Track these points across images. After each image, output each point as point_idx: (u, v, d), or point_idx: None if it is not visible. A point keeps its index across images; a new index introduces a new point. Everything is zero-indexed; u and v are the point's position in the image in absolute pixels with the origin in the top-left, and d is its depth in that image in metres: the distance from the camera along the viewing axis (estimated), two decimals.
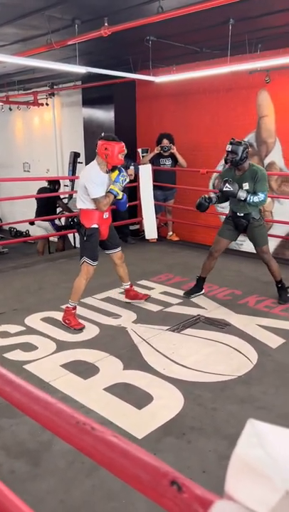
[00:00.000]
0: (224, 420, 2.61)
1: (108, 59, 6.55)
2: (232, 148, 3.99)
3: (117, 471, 0.51)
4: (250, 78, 6.17)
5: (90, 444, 0.55)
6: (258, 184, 4.01)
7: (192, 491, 0.43)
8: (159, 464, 0.49)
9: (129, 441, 0.54)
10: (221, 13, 4.19)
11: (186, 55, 6.16)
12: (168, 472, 0.47)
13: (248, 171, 4.07)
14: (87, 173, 3.76)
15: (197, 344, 3.57)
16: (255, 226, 4.21)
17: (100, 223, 3.86)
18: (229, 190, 3.98)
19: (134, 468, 0.48)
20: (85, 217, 3.83)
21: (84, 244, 3.88)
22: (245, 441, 0.45)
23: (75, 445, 0.58)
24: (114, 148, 3.64)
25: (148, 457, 0.50)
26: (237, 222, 4.25)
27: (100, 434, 0.56)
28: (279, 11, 4.35)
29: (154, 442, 2.42)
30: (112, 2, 4.12)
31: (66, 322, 3.86)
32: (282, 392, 2.88)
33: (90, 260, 3.86)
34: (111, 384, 2.97)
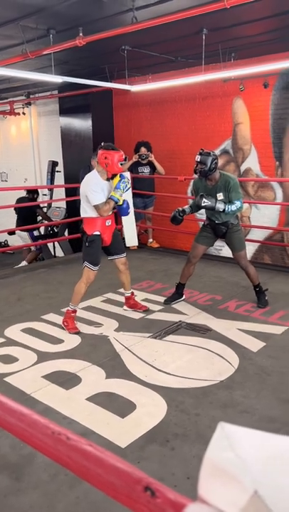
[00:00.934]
0: (207, 426, 2.61)
1: (84, 68, 6.57)
2: (201, 158, 4.06)
3: (93, 480, 0.51)
4: (224, 86, 6.28)
5: (65, 454, 0.55)
6: (232, 194, 4.06)
7: (165, 496, 0.44)
8: (133, 470, 0.49)
9: (103, 449, 0.55)
10: (193, 23, 4.27)
11: (162, 64, 6.24)
12: (142, 478, 0.47)
13: (220, 180, 4.11)
14: (86, 182, 3.87)
15: (179, 350, 3.58)
16: (234, 231, 4.27)
17: (102, 230, 3.96)
18: (208, 205, 4.02)
19: (108, 475, 0.48)
20: (88, 224, 3.96)
21: (86, 249, 3.99)
22: (215, 445, 0.46)
23: (51, 456, 0.58)
24: (114, 157, 3.75)
25: (122, 464, 0.51)
26: (216, 229, 4.30)
27: (75, 444, 0.56)
28: (250, 22, 4.46)
29: (138, 450, 2.41)
30: (87, 12, 4.15)
31: (64, 324, 3.99)
32: (263, 396, 2.91)
33: (91, 265, 3.96)
34: (93, 393, 2.95)
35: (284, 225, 6.09)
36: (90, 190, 3.80)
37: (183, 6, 3.80)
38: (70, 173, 8.07)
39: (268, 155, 6.09)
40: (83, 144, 7.90)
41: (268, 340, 3.72)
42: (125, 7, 4.02)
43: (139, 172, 6.97)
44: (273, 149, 6.02)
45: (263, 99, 5.99)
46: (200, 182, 4.26)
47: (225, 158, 6.56)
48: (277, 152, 6.00)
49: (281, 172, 6.01)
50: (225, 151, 6.55)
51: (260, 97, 5.98)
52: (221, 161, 6.60)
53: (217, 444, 0.46)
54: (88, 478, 0.52)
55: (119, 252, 4.18)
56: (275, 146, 6.01)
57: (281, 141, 5.93)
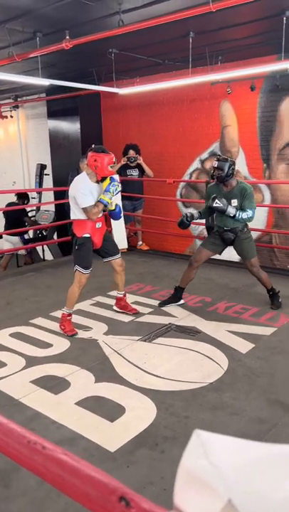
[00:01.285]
0: (197, 428, 2.60)
1: (72, 71, 6.56)
2: (218, 164, 4.05)
3: (67, 490, 0.50)
4: (212, 89, 6.31)
5: (40, 464, 0.54)
6: (246, 201, 4.06)
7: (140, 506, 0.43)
8: (108, 480, 0.49)
9: (79, 458, 0.54)
10: (180, 26, 4.28)
11: (149, 67, 6.25)
12: (117, 488, 0.47)
13: (237, 188, 4.11)
14: (75, 185, 3.84)
15: (169, 353, 3.57)
16: (244, 239, 4.25)
17: (92, 233, 3.92)
18: (219, 206, 3.99)
19: (83, 485, 0.48)
20: (77, 227, 3.91)
21: (76, 253, 3.96)
22: (190, 452, 0.46)
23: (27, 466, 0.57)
24: (104, 160, 3.70)
25: (98, 474, 0.50)
26: (224, 236, 4.26)
27: (50, 453, 0.55)
28: (236, 25, 4.49)
29: (128, 454, 2.40)
30: (73, 15, 4.15)
31: (61, 328, 3.99)
32: (252, 397, 2.92)
33: (82, 269, 3.92)
34: (82, 398, 2.94)
35: (272, 227, 6.13)
36: (78, 192, 3.76)
37: (169, 9, 3.81)
38: (58, 176, 8.04)
39: (256, 157, 6.12)
40: (72, 147, 7.88)
41: (257, 341, 3.73)
42: (112, 10, 4.03)
43: (127, 175, 6.96)
44: (261, 152, 6.06)
45: (250, 102, 6.03)
46: (216, 188, 4.24)
47: (213, 161, 6.57)
48: (264, 154, 6.04)
49: (269, 174, 6.05)
50: (213, 153, 6.57)
51: (248, 99, 6.02)
52: (210, 163, 6.63)
53: (192, 452, 0.45)
54: (63, 488, 0.51)
55: (113, 253, 4.15)
56: (262, 149, 6.05)
57: (268, 143, 5.97)
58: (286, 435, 2.51)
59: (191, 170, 6.84)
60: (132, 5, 3.89)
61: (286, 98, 5.70)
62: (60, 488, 0.52)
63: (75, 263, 3.97)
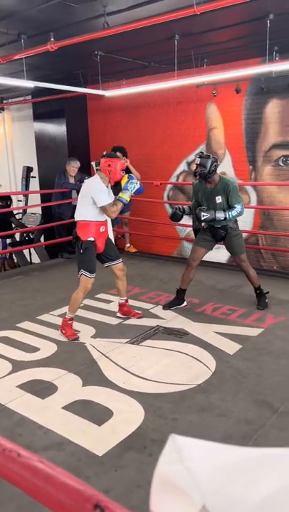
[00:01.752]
0: (185, 430, 2.60)
1: (57, 73, 6.54)
2: (200, 161, 4.07)
3: (42, 499, 0.49)
4: (198, 92, 6.34)
5: (15, 472, 0.53)
6: (232, 197, 4.09)
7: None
8: (83, 487, 0.48)
9: (55, 465, 0.53)
10: (166, 29, 4.30)
11: (135, 69, 6.26)
12: (92, 496, 0.46)
13: (219, 183, 4.14)
14: (92, 184, 3.81)
15: (156, 355, 3.57)
16: (234, 235, 4.29)
17: (96, 236, 3.87)
18: (208, 218, 4.05)
19: (58, 493, 0.47)
20: (82, 229, 3.85)
21: (80, 257, 3.89)
22: (166, 458, 0.45)
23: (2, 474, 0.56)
24: (117, 165, 3.75)
25: (73, 481, 0.49)
26: (215, 234, 4.30)
27: (25, 461, 0.54)
28: (221, 28, 4.52)
29: (116, 458, 2.38)
30: (58, 17, 4.13)
31: (62, 332, 3.93)
32: (240, 398, 2.92)
33: (88, 273, 3.86)
34: (70, 402, 2.91)
35: (258, 228, 6.17)
36: (96, 191, 3.74)
37: (154, 11, 3.83)
38: (45, 179, 7.99)
39: (242, 159, 6.16)
40: (58, 149, 7.84)
41: (245, 342, 3.74)
42: (97, 12, 4.02)
43: None
44: (247, 154, 6.11)
45: (236, 104, 6.07)
46: (200, 185, 4.27)
47: None
48: (250, 156, 6.08)
49: (255, 176, 6.09)
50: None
51: (233, 102, 6.07)
52: None
53: (167, 457, 0.45)
54: (38, 496, 0.50)
55: (114, 258, 4.10)
56: (248, 151, 6.09)
57: (254, 145, 6.02)
58: (273, 436, 2.52)
59: (178, 172, 6.87)
60: (117, 7, 3.89)
61: (271, 100, 5.76)
62: (34, 496, 0.51)
63: (80, 268, 3.88)
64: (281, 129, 5.74)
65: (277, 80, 5.46)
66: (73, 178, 6.70)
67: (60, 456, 2.42)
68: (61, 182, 6.66)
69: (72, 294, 3.94)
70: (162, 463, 0.45)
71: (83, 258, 3.87)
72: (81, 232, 3.85)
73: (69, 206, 6.77)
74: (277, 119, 5.76)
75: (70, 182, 6.68)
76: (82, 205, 3.83)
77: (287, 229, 5.90)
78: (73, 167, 6.63)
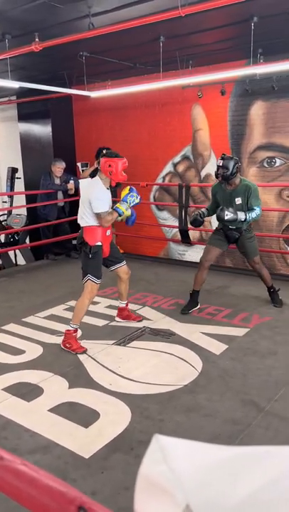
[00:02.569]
0: (171, 431, 2.61)
1: (42, 74, 6.49)
2: (223, 163, 4.09)
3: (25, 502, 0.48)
4: (183, 93, 6.36)
5: None
6: (252, 199, 4.15)
7: None
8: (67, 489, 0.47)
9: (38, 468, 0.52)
10: (151, 30, 4.30)
11: (121, 70, 6.25)
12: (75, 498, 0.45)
13: (240, 186, 4.18)
14: (92, 189, 3.64)
15: (143, 356, 3.57)
16: (247, 238, 4.34)
17: (103, 241, 3.75)
18: (231, 217, 4.06)
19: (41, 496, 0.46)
20: (89, 234, 3.69)
21: (88, 261, 3.70)
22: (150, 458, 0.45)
23: None
24: (118, 165, 3.60)
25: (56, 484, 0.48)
26: (229, 235, 4.34)
27: (8, 464, 0.53)
28: (206, 30, 4.54)
29: (102, 460, 2.37)
30: (43, 17, 4.10)
31: (67, 346, 3.66)
32: (226, 398, 2.94)
33: (95, 278, 3.69)
34: (56, 404, 2.89)
35: None
36: (95, 197, 3.58)
37: (139, 13, 3.82)
38: (30, 180, 7.93)
39: None
40: (43, 151, 7.79)
41: (231, 342, 3.77)
42: (82, 13, 4.00)
43: None
44: (232, 155, 6.13)
45: (221, 106, 6.11)
46: (219, 186, 4.31)
47: (185, 164, 6.64)
48: None
49: None
50: (185, 156, 6.63)
51: (218, 103, 6.10)
52: (182, 166, 6.69)
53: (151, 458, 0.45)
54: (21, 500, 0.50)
55: (119, 260, 4.01)
56: (233, 152, 6.12)
57: (239, 147, 6.06)
58: (259, 436, 2.53)
59: (164, 173, 6.88)
60: (102, 8, 3.87)
61: (256, 102, 5.81)
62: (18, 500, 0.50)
63: (86, 272, 3.69)
64: (266, 131, 5.80)
65: (262, 82, 5.51)
66: (59, 179, 6.67)
67: (47, 459, 2.40)
68: (46, 183, 6.62)
69: (76, 303, 3.74)
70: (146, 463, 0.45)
71: (91, 263, 3.70)
72: (88, 236, 3.69)
73: (54, 207, 6.73)
74: (261, 121, 5.81)
75: (55, 183, 6.64)
76: (85, 210, 3.67)
77: (272, 230, 5.95)
78: (59, 168, 6.60)
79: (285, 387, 3.05)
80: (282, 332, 3.96)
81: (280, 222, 5.88)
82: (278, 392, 2.98)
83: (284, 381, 3.12)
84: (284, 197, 5.75)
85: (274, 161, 5.78)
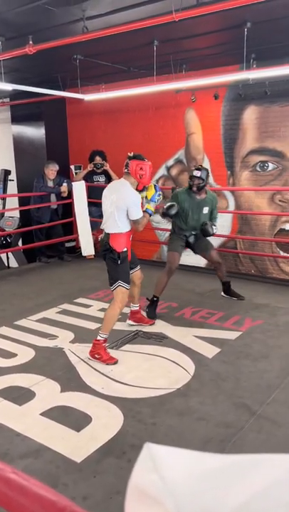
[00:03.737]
0: (164, 435, 2.60)
1: (36, 76, 6.49)
2: (201, 174, 4.29)
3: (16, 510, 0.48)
4: (177, 97, 6.39)
5: None
6: (215, 210, 4.55)
7: None
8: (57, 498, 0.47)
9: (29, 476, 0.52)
10: (144, 34, 4.32)
11: (115, 73, 6.26)
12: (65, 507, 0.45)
13: (208, 195, 4.46)
14: (126, 194, 3.54)
15: (136, 360, 3.56)
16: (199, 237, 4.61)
17: (128, 246, 3.69)
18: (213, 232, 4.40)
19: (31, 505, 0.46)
20: (117, 241, 3.58)
21: (118, 268, 3.58)
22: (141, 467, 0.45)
23: None
24: (148, 169, 3.60)
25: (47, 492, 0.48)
26: (190, 239, 4.57)
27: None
28: (199, 35, 4.57)
29: (94, 464, 2.36)
30: (36, 20, 4.11)
31: (96, 357, 3.51)
32: (219, 401, 2.94)
33: (125, 284, 3.60)
34: (48, 408, 2.88)
35: (236, 233, 6.24)
36: (133, 203, 3.50)
37: (133, 17, 3.84)
38: (23, 182, 7.91)
39: (220, 164, 6.23)
40: (36, 153, 7.77)
41: (223, 345, 3.78)
42: (76, 17, 4.01)
43: (94, 181, 6.95)
44: (225, 159, 6.18)
45: (214, 110, 6.14)
46: (187, 195, 4.43)
47: (179, 168, 6.67)
48: (228, 162, 6.16)
49: (233, 181, 6.17)
50: (178, 160, 6.65)
51: (212, 107, 6.13)
52: (175, 170, 6.71)
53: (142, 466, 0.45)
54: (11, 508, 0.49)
55: (135, 265, 3.97)
56: (226, 156, 6.16)
57: (232, 151, 6.10)
58: (251, 439, 2.54)
59: (158, 176, 6.89)
60: (96, 12, 3.88)
61: (249, 107, 5.85)
62: (8, 508, 0.50)
63: (117, 279, 3.57)
64: (258, 135, 5.84)
65: (255, 87, 5.55)
66: (52, 182, 6.65)
67: (38, 464, 2.38)
68: (39, 185, 6.60)
69: (107, 312, 3.62)
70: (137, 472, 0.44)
71: (121, 269, 3.58)
72: (115, 243, 3.57)
73: (47, 210, 6.71)
74: (254, 126, 5.85)
75: (48, 185, 6.62)
76: (119, 217, 3.53)
77: (264, 233, 5.99)
78: (52, 170, 6.58)
79: (277, 390, 3.06)
80: (274, 335, 3.98)
81: (272, 226, 5.92)
82: (270, 396, 2.98)
83: (276, 384, 3.13)
84: (276, 201, 5.79)
85: (266, 165, 5.82)
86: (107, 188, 3.78)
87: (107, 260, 3.63)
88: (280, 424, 2.68)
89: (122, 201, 3.52)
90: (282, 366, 3.41)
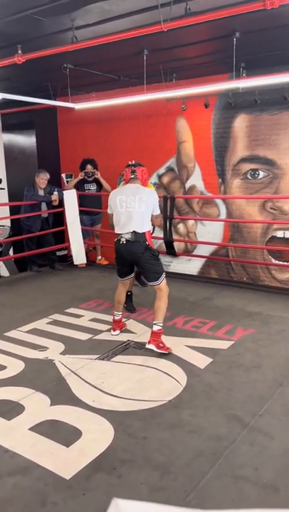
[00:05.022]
0: (155, 449, 2.56)
1: (26, 85, 6.47)
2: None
3: None
4: (168, 105, 6.40)
5: None
6: None
7: None
8: None
9: None
10: (134, 44, 4.32)
11: (105, 82, 6.26)
12: None
13: None
14: (152, 194, 3.99)
15: (127, 371, 3.51)
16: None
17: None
18: None
19: None
20: (149, 238, 4.01)
21: (158, 262, 3.92)
22: None
23: None
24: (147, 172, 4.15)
25: None
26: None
27: None
28: (189, 44, 4.58)
29: (84, 481, 2.31)
30: (26, 30, 4.08)
31: (160, 346, 3.78)
32: (211, 413, 2.90)
33: (164, 276, 3.94)
34: (37, 422, 2.82)
35: (228, 241, 6.24)
36: (157, 201, 3.99)
37: (122, 27, 3.84)
38: (14, 191, 7.85)
39: (211, 172, 6.24)
40: (27, 161, 7.74)
41: (215, 355, 3.74)
42: (65, 26, 4.00)
43: (85, 189, 6.92)
44: (216, 167, 6.19)
45: (205, 119, 6.16)
46: None
47: (170, 176, 6.67)
48: (219, 170, 6.17)
49: (224, 189, 6.17)
50: (170, 168, 6.65)
51: (202, 116, 6.15)
52: (167, 178, 6.71)
53: None
54: None
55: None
56: (217, 164, 6.17)
57: (223, 159, 6.11)
58: (243, 452, 2.50)
59: None
60: (84, 22, 3.88)
61: (239, 115, 5.87)
62: None
63: (160, 273, 3.87)
64: (249, 143, 5.85)
65: (245, 96, 5.57)
66: (43, 191, 6.61)
67: (27, 481, 2.33)
68: (30, 194, 6.56)
69: (160, 304, 3.85)
70: None
71: (159, 262, 3.94)
72: (149, 240, 3.99)
73: (38, 218, 6.67)
74: (245, 134, 5.87)
75: (39, 194, 6.58)
76: (148, 215, 3.93)
77: (256, 241, 5.99)
78: (42, 179, 6.55)
79: (270, 401, 3.03)
80: (266, 345, 3.96)
81: (263, 233, 5.92)
82: (263, 407, 2.95)
83: (268, 395, 3.10)
84: (267, 209, 5.80)
85: (257, 173, 5.83)
86: (121, 192, 3.99)
87: (146, 259, 3.85)
88: (273, 437, 2.65)
89: (150, 200, 3.90)
90: (274, 376, 3.38)
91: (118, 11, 3.64)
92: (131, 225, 3.82)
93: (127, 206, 3.84)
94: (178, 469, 2.37)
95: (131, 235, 3.82)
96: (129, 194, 3.87)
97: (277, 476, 2.32)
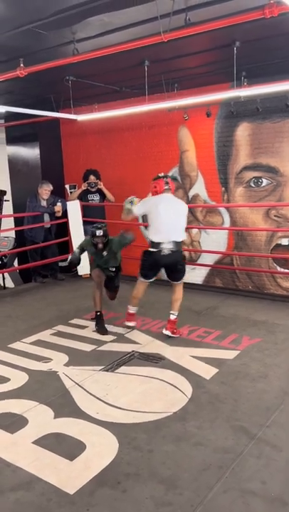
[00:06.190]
0: (160, 462, 2.51)
1: (29, 98, 6.52)
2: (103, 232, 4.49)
3: None
4: (170, 115, 6.42)
5: None
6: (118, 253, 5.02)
7: None
8: None
9: None
10: (135, 55, 4.34)
11: (107, 93, 6.30)
12: None
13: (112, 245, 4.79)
14: (186, 206, 4.48)
15: (132, 382, 3.47)
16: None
17: None
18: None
19: None
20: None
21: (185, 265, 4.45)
22: None
23: None
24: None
25: None
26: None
27: None
28: (190, 54, 4.60)
29: (88, 496, 2.27)
30: (27, 43, 4.13)
31: (175, 331, 4.34)
32: (217, 425, 2.85)
33: None
34: (41, 436, 2.79)
35: (232, 249, 6.20)
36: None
37: (123, 38, 3.86)
38: (19, 202, 7.88)
39: (214, 181, 6.23)
40: (31, 173, 7.78)
41: (221, 366, 3.69)
42: (66, 39, 4.04)
43: (88, 200, 6.94)
44: (219, 176, 6.18)
45: (207, 128, 6.17)
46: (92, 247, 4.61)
47: None
48: (222, 178, 6.16)
49: (227, 197, 6.16)
50: (173, 178, 6.64)
51: (204, 125, 6.16)
52: None
53: None
54: None
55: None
56: (220, 173, 6.16)
57: (226, 167, 6.10)
58: (251, 465, 2.45)
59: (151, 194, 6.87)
60: (85, 34, 3.91)
61: (241, 124, 5.87)
62: None
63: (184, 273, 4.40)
64: (251, 152, 5.85)
65: (246, 104, 5.58)
66: (45, 202, 6.63)
67: (29, 497, 2.29)
68: (32, 205, 6.58)
69: (178, 296, 4.38)
70: None
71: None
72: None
73: (41, 229, 6.67)
74: (247, 142, 5.87)
75: (42, 205, 6.60)
76: (185, 225, 4.35)
77: (260, 249, 5.95)
78: (46, 190, 6.57)
79: (277, 412, 2.97)
80: (272, 354, 3.90)
81: (268, 241, 5.89)
82: (270, 418, 2.90)
83: (275, 406, 3.05)
84: (271, 216, 5.77)
85: (260, 181, 5.81)
86: (161, 201, 4.26)
87: (182, 264, 4.35)
88: (280, 448, 2.59)
89: (185, 211, 4.35)
90: (281, 386, 3.33)
91: (118, 23, 3.67)
92: (173, 234, 4.18)
93: (170, 215, 4.16)
94: (184, 483, 2.32)
95: (173, 244, 4.18)
96: (172, 204, 4.24)
97: (286, 490, 2.27)
